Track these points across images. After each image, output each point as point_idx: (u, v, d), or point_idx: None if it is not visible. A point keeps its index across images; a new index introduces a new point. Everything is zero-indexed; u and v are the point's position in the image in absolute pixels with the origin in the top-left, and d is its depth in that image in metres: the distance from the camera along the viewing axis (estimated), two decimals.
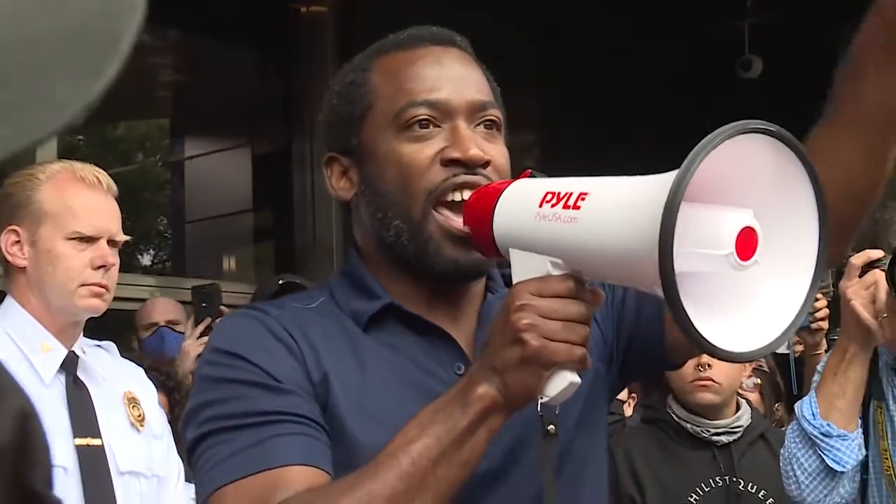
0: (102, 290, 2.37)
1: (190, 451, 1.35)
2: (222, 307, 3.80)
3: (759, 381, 3.72)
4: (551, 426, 1.30)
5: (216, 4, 6.03)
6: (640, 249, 1.10)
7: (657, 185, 1.11)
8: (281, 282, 3.52)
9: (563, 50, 6.66)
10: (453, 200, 1.37)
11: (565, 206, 1.21)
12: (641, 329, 1.49)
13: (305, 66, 6.00)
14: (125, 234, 2.46)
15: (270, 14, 6.12)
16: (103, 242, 2.37)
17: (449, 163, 1.37)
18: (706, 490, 2.89)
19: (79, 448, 2.30)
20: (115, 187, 2.44)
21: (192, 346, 3.92)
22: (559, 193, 1.23)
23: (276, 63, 6.30)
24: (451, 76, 1.42)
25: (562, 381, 1.21)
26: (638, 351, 1.50)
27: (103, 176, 2.42)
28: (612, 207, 1.18)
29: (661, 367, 1.56)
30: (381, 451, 1.23)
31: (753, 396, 3.57)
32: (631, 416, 3.83)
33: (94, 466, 2.31)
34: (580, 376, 1.23)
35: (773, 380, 3.91)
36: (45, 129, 0.55)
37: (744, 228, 1.12)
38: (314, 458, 1.29)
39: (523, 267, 1.26)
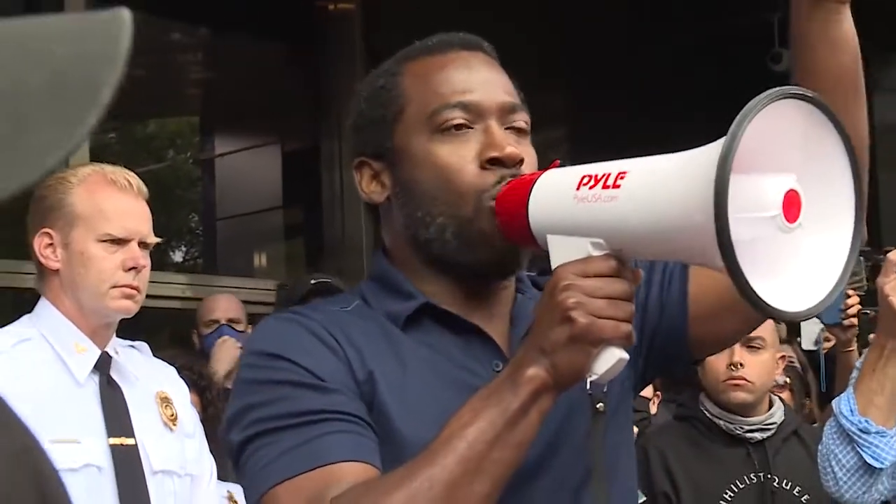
0: (134, 291, 2.39)
1: (237, 453, 1.36)
2: None
3: (788, 379, 3.70)
4: (600, 404, 1.32)
5: (245, 2, 6.06)
6: (690, 220, 1.13)
7: (703, 156, 1.13)
8: (313, 281, 3.54)
9: (589, 45, 6.63)
10: None
11: (605, 187, 1.23)
12: (664, 326, 1.50)
13: (333, 63, 6.02)
14: (157, 231, 2.49)
15: (298, 11, 6.14)
16: (134, 244, 2.40)
17: (490, 163, 1.39)
18: (740, 487, 2.88)
19: (113, 448, 2.32)
20: (145, 189, 2.46)
21: (226, 343, 3.95)
22: (596, 175, 1.25)
23: (304, 60, 6.33)
24: (481, 79, 1.44)
25: (610, 358, 1.23)
26: (660, 348, 1.51)
27: (134, 178, 2.45)
28: (655, 182, 1.20)
29: (682, 363, 1.58)
30: (434, 440, 1.24)
31: (784, 395, 3.56)
32: (656, 414, 3.82)
33: (128, 466, 2.33)
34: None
35: (804, 377, 3.89)
36: (25, 177, 0.56)
37: (789, 191, 1.15)
38: (364, 454, 1.30)
39: (563, 251, 1.28)
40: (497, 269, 1.43)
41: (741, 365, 2.91)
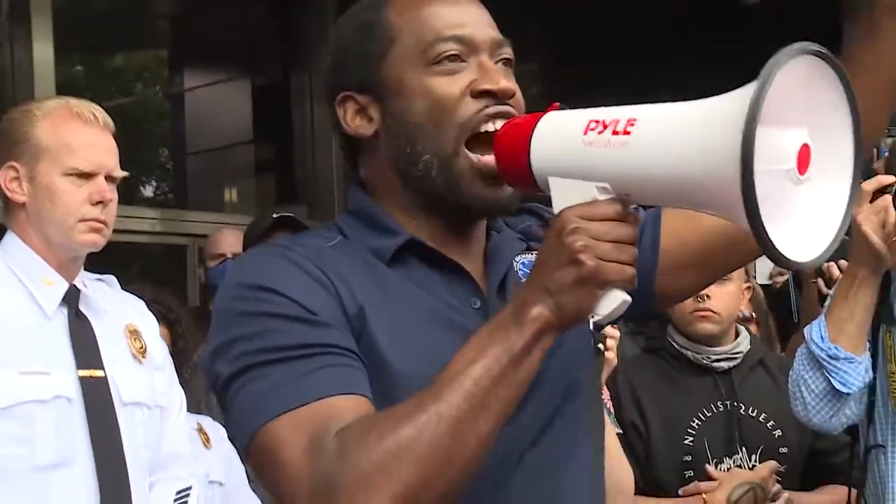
0: (101, 225, 2.39)
1: (223, 387, 1.35)
2: None
3: (753, 313, 3.73)
4: (600, 344, 1.35)
5: None
6: (711, 172, 1.15)
7: (723, 109, 1.16)
8: (275, 215, 3.52)
9: None
10: (486, 131, 1.40)
11: (614, 132, 1.25)
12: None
13: None
14: (126, 165, 2.48)
15: None
16: (101, 178, 2.39)
17: (480, 94, 1.41)
18: (708, 415, 2.91)
19: (82, 380, 2.33)
20: (111, 123, 2.45)
21: None
22: (604, 121, 1.27)
23: None
24: (471, 14, 1.46)
25: (614, 300, 1.26)
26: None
27: (100, 112, 2.44)
28: (671, 132, 1.22)
29: (643, 315, 1.61)
30: (439, 376, 1.26)
31: (751, 327, 3.59)
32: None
33: (97, 397, 2.34)
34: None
35: (767, 312, 3.92)
36: None
37: (803, 144, 1.19)
38: (359, 388, 1.31)
39: (566, 194, 1.30)
40: (484, 211, 1.45)
41: (708, 297, 2.94)
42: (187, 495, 2.52)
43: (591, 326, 1.29)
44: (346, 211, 1.52)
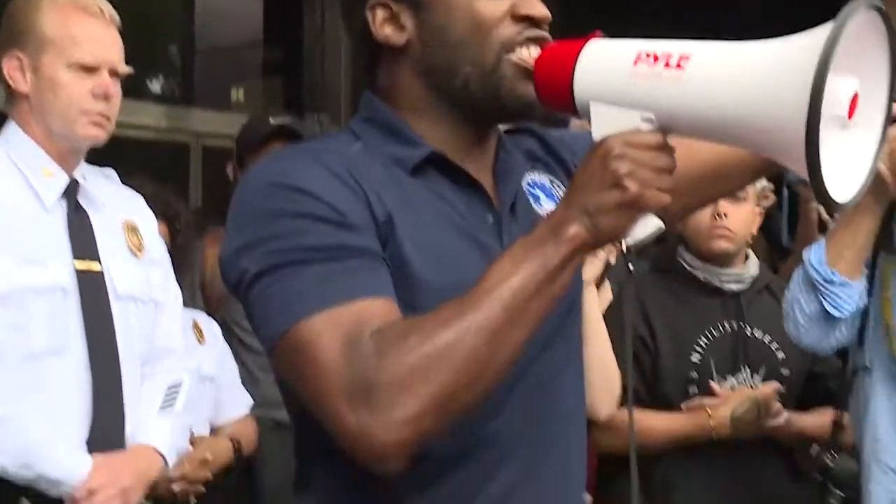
0: (103, 119, 2.39)
1: (249, 283, 1.36)
2: None
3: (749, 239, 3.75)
4: (630, 265, 1.41)
5: None
6: (768, 112, 1.19)
7: (790, 52, 1.19)
8: (273, 122, 3.49)
9: None
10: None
11: (666, 65, 1.28)
12: None
13: None
14: (134, 61, 2.47)
15: None
16: (105, 73, 2.38)
17: (521, 19, 1.44)
18: (715, 335, 2.94)
19: (79, 272, 2.35)
20: (118, 18, 2.43)
21: None
22: (655, 54, 1.29)
23: None
24: None
25: (649, 226, 1.31)
26: None
27: (106, 6, 2.42)
28: (727, 71, 1.25)
29: None
30: (477, 286, 1.29)
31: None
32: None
33: (93, 290, 2.36)
34: None
35: (760, 244, 3.93)
36: None
37: (854, 92, 1.23)
38: (389, 292, 1.34)
39: (608, 121, 1.33)
40: (525, 110, 1.47)
41: (725, 215, 2.95)
42: (178, 389, 2.56)
43: (624, 248, 1.35)
44: (360, 117, 1.52)
